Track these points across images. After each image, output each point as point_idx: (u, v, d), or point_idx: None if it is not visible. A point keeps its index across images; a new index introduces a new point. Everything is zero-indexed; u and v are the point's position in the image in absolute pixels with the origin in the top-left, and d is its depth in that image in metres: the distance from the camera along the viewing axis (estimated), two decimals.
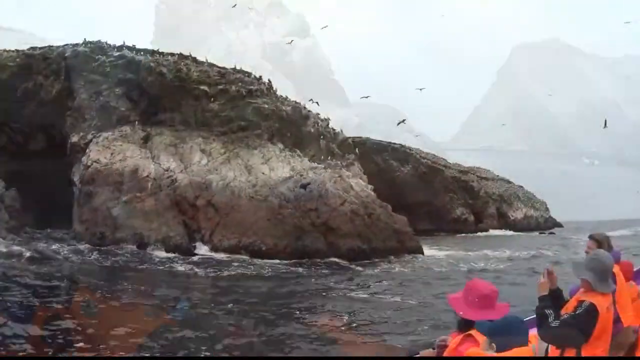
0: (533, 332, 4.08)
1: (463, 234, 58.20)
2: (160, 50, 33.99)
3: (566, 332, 3.73)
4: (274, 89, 35.72)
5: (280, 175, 28.50)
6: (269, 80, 35.22)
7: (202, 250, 24.78)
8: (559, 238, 50.03)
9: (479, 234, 59.04)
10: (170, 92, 31.06)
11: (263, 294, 15.14)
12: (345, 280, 18.63)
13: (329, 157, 34.18)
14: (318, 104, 35.52)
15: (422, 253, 28.06)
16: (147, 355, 9.33)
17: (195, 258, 23.23)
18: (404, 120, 34.20)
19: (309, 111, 35.65)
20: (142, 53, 32.82)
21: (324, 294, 15.46)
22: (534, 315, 4.05)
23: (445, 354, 3.41)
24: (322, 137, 34.91)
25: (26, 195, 36.23)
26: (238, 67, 35.50)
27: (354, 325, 11.46)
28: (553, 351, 3.99)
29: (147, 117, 31.38)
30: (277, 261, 23.23)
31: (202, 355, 9.47)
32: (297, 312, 12.72)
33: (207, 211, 26.28)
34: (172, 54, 33.54)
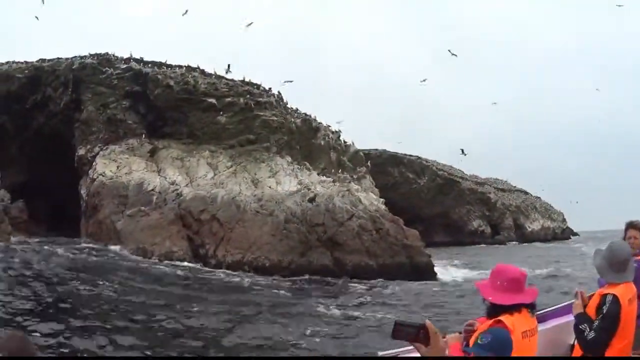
0: (557, 321, 4.46)
1: (479, 245, 57.57)
2: (168, 62, 33.59)
3: (603, 337, 3.82)
4: (285, 100, 35.26)
5: (287, 189, 27.98)
6: (278, 91, 34.79)
7: (206, 265, 24.24)
8: (575, 250, 49.09)
9: (496, 246, 58.22)
10: (178, 105, 30.79)
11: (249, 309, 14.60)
12: (334, 298, 17.92)
13: (340, 170, 33.62)
14: None
15: (433, 269, 27.08)
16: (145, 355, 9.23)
17: (194, 270, 22.70)
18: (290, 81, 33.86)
19: (319, 123, 35.08)
20: (149, 65, 32.55)
21: (300, 311, 14.78)
22: (557, 306, 4.55)
23: (472, 339, 3.13)
24: (332, 149, 34.37)
25: (37, 206, 36.28)
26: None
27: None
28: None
29: (154, 130, 31.15)
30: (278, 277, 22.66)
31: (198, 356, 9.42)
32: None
33: (212, 226, 25.79)
34: (180, 66, 33.21)
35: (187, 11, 32.66)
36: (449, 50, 41.88)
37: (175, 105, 30.81)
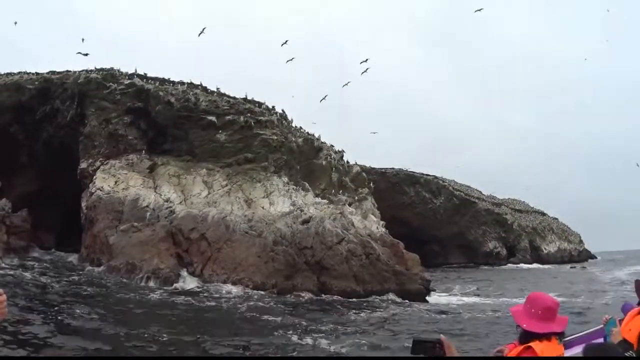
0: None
1: (493, 266, 56.94)
2: (171, 79, 33.92)
3: None
4: (290, 119, 35.26)
5: (280, 210, 27.96)
6: (282, 110, 34.81)
7: (191, 284, 24.23)
8: (590, 274, 47.96)
9: (509, 266, 57.48)
10: (178, 122, 31.02)
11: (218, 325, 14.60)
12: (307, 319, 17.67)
13: (341, 191, 33.47)
14: None
15: (425, 298, 26.46)
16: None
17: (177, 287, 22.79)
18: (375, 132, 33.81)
19: (322, 143, 34.99)
20: (151, 81, 32.88)
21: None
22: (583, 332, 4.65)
23: None
24: (334, 170, 34.21)
25: (47, 216, 36.94)
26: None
27: None
28: None
29: (155, 146, 31.46)
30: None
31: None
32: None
33: (200, 245, 25.89)
34: (182, 83, 33.48)
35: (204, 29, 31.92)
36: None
37: (175, 122, 31.04)
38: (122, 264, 25.05)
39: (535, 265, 59.88)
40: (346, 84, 36.34)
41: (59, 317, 14.22)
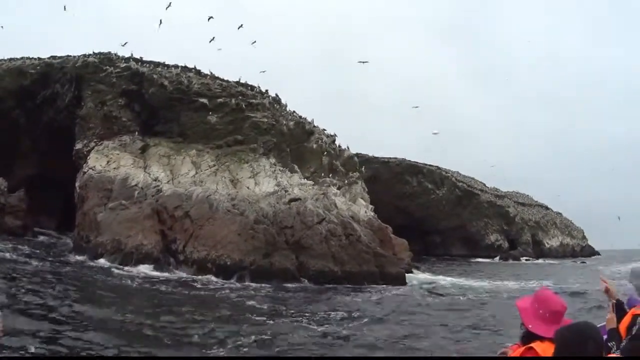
0: None
1: (492, 259, 56.97)
2: (166, 63, 34.72)
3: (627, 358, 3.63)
4: (284, 103, 35.87)
5: (264, 190, 28.53)
6: (276, 94, 35.42)
7: (172, 262, 24.92)
8: (589, 268, 47.87)
9: (510, 261, 57.32)
10: (170, 104, 31.78)
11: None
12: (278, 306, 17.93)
13: (331, 175, 33.94)
14: None
15: (404, 280, 26.86)
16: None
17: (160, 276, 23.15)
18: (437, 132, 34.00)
19: (314, 126, 35.54)
20: (146, 65, 33.68)
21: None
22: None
23: None
24: (325, 153, 34.70)
25: (49, 200, 37.87)
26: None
27: None
28: None
29: (148, 128, 32.21)
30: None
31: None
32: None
33: (184, 222, 26.49)
34: (176, 66, 34.25)
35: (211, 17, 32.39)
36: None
37: (168, 104, 31.83)
38: (108, 240, 25.80)
39: (538, 260, 59.72)
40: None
41: (31, 302, 13.74)
